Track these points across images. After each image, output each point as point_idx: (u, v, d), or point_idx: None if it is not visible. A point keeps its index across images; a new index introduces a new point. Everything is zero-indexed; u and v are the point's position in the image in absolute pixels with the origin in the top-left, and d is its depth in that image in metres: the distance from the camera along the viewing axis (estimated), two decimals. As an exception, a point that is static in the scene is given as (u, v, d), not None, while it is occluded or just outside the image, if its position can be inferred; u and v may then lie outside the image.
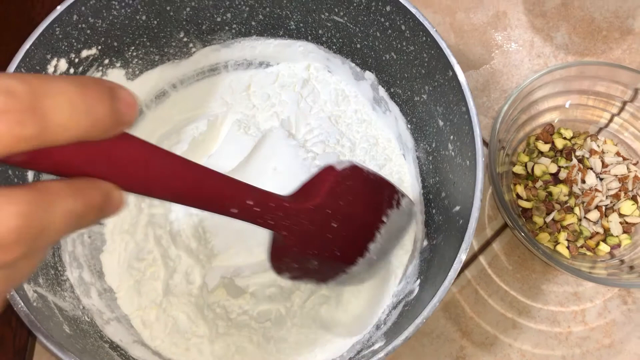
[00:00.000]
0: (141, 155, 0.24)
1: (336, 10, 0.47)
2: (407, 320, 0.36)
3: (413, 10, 0.41)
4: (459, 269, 0.35)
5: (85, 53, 0.44)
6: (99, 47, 0.45)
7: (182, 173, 0.27)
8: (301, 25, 0.50)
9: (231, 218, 0.32)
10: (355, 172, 0.40)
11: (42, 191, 0.20)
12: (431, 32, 0.41)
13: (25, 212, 0.19)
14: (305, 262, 0.39)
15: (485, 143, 0.53)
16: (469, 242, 0.36)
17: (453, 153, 0.42)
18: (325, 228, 0.38)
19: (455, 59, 0.41)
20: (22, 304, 0.34)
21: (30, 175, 0.42)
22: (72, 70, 0.44)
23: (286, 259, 0.39)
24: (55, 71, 0.43)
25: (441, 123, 0.44)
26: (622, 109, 0.55)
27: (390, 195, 0.43)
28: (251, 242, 0.48)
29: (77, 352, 0.35)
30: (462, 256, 0.36)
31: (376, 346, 0.41)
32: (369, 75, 0.51)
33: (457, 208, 0.41)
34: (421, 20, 0.41)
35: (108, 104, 0.21)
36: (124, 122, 0.22)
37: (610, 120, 0.56)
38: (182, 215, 0.49)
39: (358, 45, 0.49)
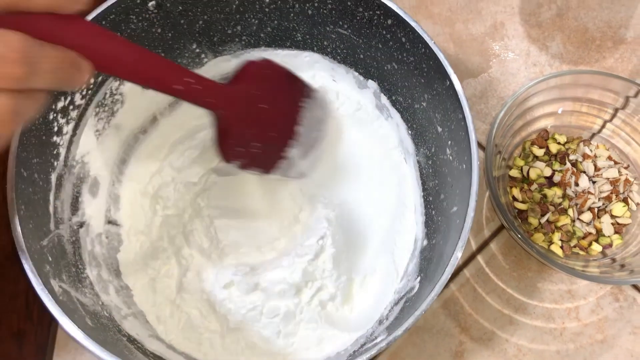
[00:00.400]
0: (102, 36, 0.31)
1: (340, 23, 0.50)
2: (408, 315, 0.39)
3: (413, 24, 0.44)
4: (456, 265, 0.38)
5: (104, 64, 0.47)
6: (118, 58, 0.48)
7: (134, 54, 0.34)
8: (307, 37, 0.53)
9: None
10: (269, 64, 0.46)
11: (35, 38, 0.27)
12: (430, 44, 0.43)
13: (25, 40, 0.26)
14: (247, 144, 0.45)
15: (482, 148, 0.56)
16: (465, 239, 0.38)
17: (451, 157, 0.45)
18: (256, 108, 0.45)
19: (453, 69, 0.44)
20: (51, 297, 0.37)
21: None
22: (91, 80, 0.47)
23: (230, 140, 0.44)
24: (77, 81, 0.45)
25: (440, 129, 0.47)
26: (614, 116, 0.57)
27: (302, 86, 0.50)
28: (261, 241, 0.50)
29: (100, 343, 0.38)
30: (459, 253, 0.38)
31: (379, 339, 0.43)
32: (372, 84, 0.54)
33: (455, 209, 0.43)
34: (420, 33, 0.44)
35: None
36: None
37: (603, 127, 0.58)
38: (194, 216, 0.51)
39: (361, 56, 0.52)
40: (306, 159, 0.51)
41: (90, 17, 0.44)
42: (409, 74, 0.48)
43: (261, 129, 0.46)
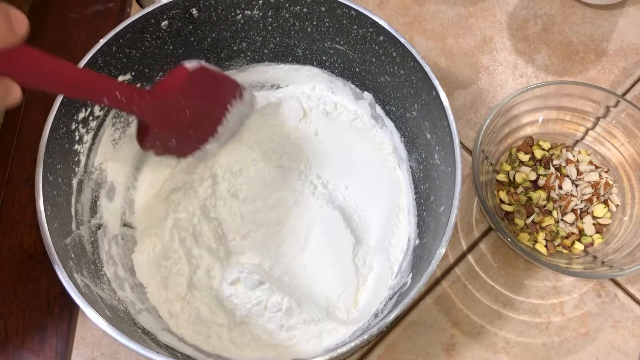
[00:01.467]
0: (33, 59, 0.35)
1: (337, 39, 0.54)
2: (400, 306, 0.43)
3: (402, 40, 0.48)
4: (440, 258, 0.41)
5: (121, 78, 0.51)
6: (133, 73, 0.52)
7: (66, 72, 0.38)
8: (307, 52, 0.57)
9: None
10: (203, 71, 0.49)
11: None
12: (417, 58, 0.47)
13: None
14: (165, 140, 0.49)
15: (471, 154, 0.60)
16: (449, 235, 0.42)
17: (439, 161, 0.49)
18: (180, 115, 0.48)
19: (444, 81, 0.48)
20: (75, 288, 0.41)
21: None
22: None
23: (149, 137, 0.48)
24: (96, 94, 0.50)
25: (429, 136, 0.51)
26: (595, 124, 0.61)
27: (234, 89, 0.54)
28: (266, 241, 0.54)
29: (120, 331, 0.41)
30: (443, 249, 0.42)
31: (374, 329, 0.47)
32: (367, 95, 0.58)
33: (442, 208, 0.47)
34: (409, 48, 0.48)
35: (5, 22, 0.31)
36: (18, 35, 0.32)
37: (586, 134, 0.62)
38: (203, 219, 0.55)
39: (357, 69, 0.56)
40: (221, 145, 0.56)
41: (107, 37, 0.48)
42: (400, 85, 0.52)
43: (179, 130, 0.50)
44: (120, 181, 0.55)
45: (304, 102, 0.61)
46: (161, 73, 0.55)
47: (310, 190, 0.56)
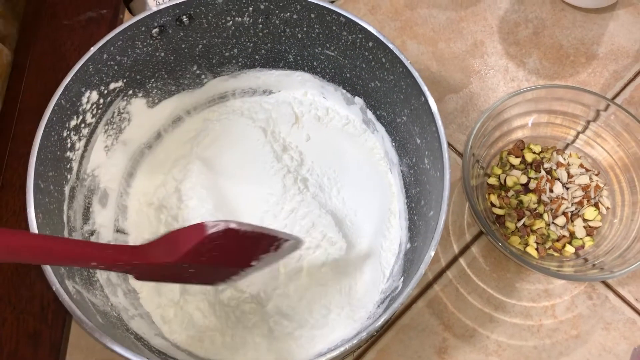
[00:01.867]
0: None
1: (327, 45, 0.54)
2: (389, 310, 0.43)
3: (391, 46, 0.48)
4: (430, 261, 0.42)
5: (112, 85, 0.52)
6: (124, 80, 0.53)
7: (38, 245, 0.35)
8: (298, 58, 0.58)
9: None
10: (227, 234, 0.39)
11: None
12: (406, 64, 0.48)
13: None
14: (163, 280, 0.44)
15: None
16: (438, 239, 0.42)
17: (428, 166, 0.49)
18: (182, 272, 0.40)
19: (436, 85, 0.48)
20: (66, 295, 0.41)
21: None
22: (101, 100, 0.51)
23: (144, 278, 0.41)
24: (88, 102, 0.50)
25: (419, 141, 0.51)
26: (586, 127, 0.62)
27: (269, 244, 0.44)
28: None
29: (111, 337, 0.42)
30: (432, 252, 0.42)
31: (363, 333, 0.47)
32: (358, 100, 0.58)
33: (432, 213, 0.47)
34: (397, 54, 0.48)
35: None
36: None
37: (576, 137, 0.62)
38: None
39: (348, 75, 0.57)
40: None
41: (98, 45, 0.48)
42: (390, 91, 0.52)
43: (182, 279, 0.43)
44: (113, 187, 0.56)
45: (296, 107, 0.61)
46: (153, 80, 0.55)
47: (303, 194, 0.56)
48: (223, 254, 0.41)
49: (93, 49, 0.48)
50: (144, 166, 0.59)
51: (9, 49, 0.67)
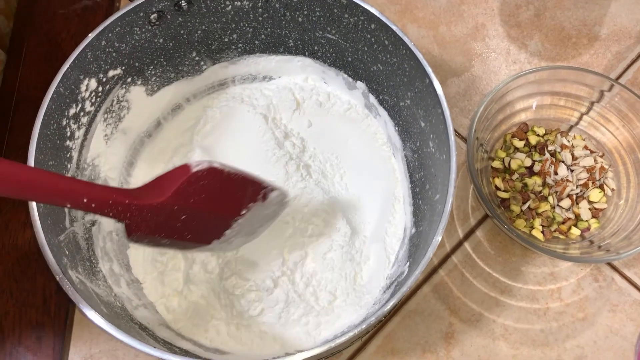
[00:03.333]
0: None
1: (328, 29, 0.54)
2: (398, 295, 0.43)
3: (394, 28, 0.48)
4: (437, 246, 0.41)
5: (111, 73, 0.51)
6: (123, 68, 0.52)
7: (21, 175, 0.33)
8: (299, 42, 0.57)
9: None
10: (212, 173, 0.40)
11: None
12: (410, 46, 0.47)
13: None
14: (156, 240, 0.41)
15: (466, 141, 0.60)
16: (445, 222, 0.42)
17: (433, 149, 0.49)
18: (173, 219, 0.39)
19: (437, 69, 0.48)
20: (70, 285, 0.40)
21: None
22: (100, 88, 0.51)
23: (136, 234, 0.40)
24: (86, 89, 0.49)
25: (423, 124, 0.50)
26: (590, 109, 0.61)
27: (255, 191, 0.44)
28: (269, 248, 0.53)
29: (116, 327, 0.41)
30: (439, 237, 0.42)
31: (372, 318, 0.47)
32: (360, 85, 0.58)
33: (438, 196, 0.47)
34: (401, 36, 0.47)
35: None
36: None
37: (580, 119, 0.62)
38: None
39: (349, 59, 0.56)
40: (236, 246, 0.48)
41: (96, 31, 0.47)
42: (393, 74, 0.52)
43: (174, 233, 0.41)
44: (113, 177, 0.55)
45: (297, 93, 0.61)
46: (151, 67, 0.54)
47: (305, 181, 0.56)
48: (211, 196, 0.40)
49: (91, 36, 0.47)
50: (144, 155, 0.58)
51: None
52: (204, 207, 0.41)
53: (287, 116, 0.60)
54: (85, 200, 0.35)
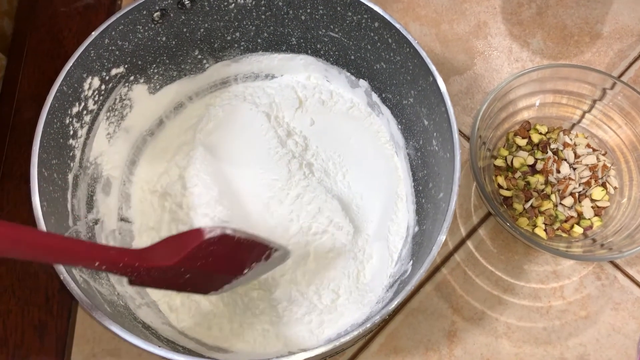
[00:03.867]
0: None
1: (332, 27, 0.53)
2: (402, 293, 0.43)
3: (397, 26, 0.48)
4: (441, 244, 0.41)
5: (114, 71, 0.51)
6: (126, 66, 0.52)
7: (36, 240, 0.34)
8: (301, 40, 0.57)
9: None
10: (223, 239, 0.41)
11: None
12: (413, 44, 0.47)
13: None
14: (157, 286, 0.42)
15: (468, 140, 0.60)
16: (449, 221, 0.42)
17: (437, 148, 0.49)
18: (177, 277, 0.41)
19: (439, 67, 0.47)
20: (74, 284, 0.40)
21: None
22: (103, 87, 0.50)
23: (138, 283, 0.40)
24: (89, 88, 0.49)
25: (426, 122, 0.50)
26: (592, 107, 0.61)
27: (260, 253, 0.45)
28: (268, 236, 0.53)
29: (120, 326, 0.41)
30: (443, 236, 0.41)
31: (376, 317, 0.47)
32: (363, 83, 0.58)
33: (441, 195, 0.47)
34: (404, 34, 0.47)
35: None
36: None
37: (582, 117, 0.62)
38: (200, 213, 0.55)
39: (352, 57, 0.56)
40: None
41: (100, 30, 0.47)
42: (396, 72, 0.52)
43: (176, 285, 0.42)
44: (115, 175, 0.55)
45: (300, 91, 0.61)
46: (154, 65, 0.54)
47: (308, 179, 0.56)
48: (218, 259, 0.42)
49: (94, 34, 0.47)
50: (146, 153, 0.58)
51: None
52: (210, 269, 0.42)
53: (289, 114, 0.60)
54: (97, 264, 0.37)
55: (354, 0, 0.49)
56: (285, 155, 0.56)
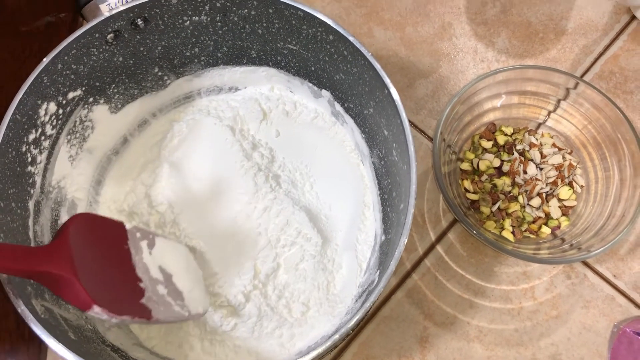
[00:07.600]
0: None
1: (289, 40, 0.53)
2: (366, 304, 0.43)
3: (351, 39, 0.47)
4: (399, 258, 0.41)
5: (71, 95, 0.50)
6: (83, 88, 0.51)
7: None
8: (261, 53, 0.57)
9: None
10: (84, 219, 0.43)
11: None
12: (367, 57, 0.47)
13: None
14: (102, 293, 0.42)
15: (433, 145, 0.59)
16: (407, 235, 0.42)
17: (397, 158, 0.49)
18: (83, 257, 0.41)
19: (401, 70, 0.48)
20: (32, 316, 0.40)
21: (31, 205, 0.48)
22: (60, 111, 0.50)
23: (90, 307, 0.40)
24: (46, 114, 0.49)
25: (386, 133, 0.50)
26: (557, 107, 0.61)
27: (123, 235, 0.46)
28: (240, 262, 0.53)
29: (82, 354, 0.41)
30: (401, 248, 0.41)
31: (342, 331, 0.47)
32: (325, 93, 0.57)
33: (402, 205, 0.47)
34: (358, 47, 0.47)
35: None
36: None
37: (548, 117, 0.62)
38: (167, 232, 0.54)
39: (312, 68, 0.56)
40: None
41: (51, 56, 0.47)
42: (355, 83, 0.52)
43: (93, 277, 0.42)
44: (81, 197, 0.55)
45: (263, 103, 0.60)
46: (113, 85, 0.54)
47: (275, 192, 0.56)
48: (95, 242, 0.43)
49: (45, 60, 0.47)
50: (111, 173, 0.58)
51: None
52: (94, 243, 0.43)
53: (254, 127, 0.60)
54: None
55: (307, 14, 0.49)
56: (251, 168, 0.56)
